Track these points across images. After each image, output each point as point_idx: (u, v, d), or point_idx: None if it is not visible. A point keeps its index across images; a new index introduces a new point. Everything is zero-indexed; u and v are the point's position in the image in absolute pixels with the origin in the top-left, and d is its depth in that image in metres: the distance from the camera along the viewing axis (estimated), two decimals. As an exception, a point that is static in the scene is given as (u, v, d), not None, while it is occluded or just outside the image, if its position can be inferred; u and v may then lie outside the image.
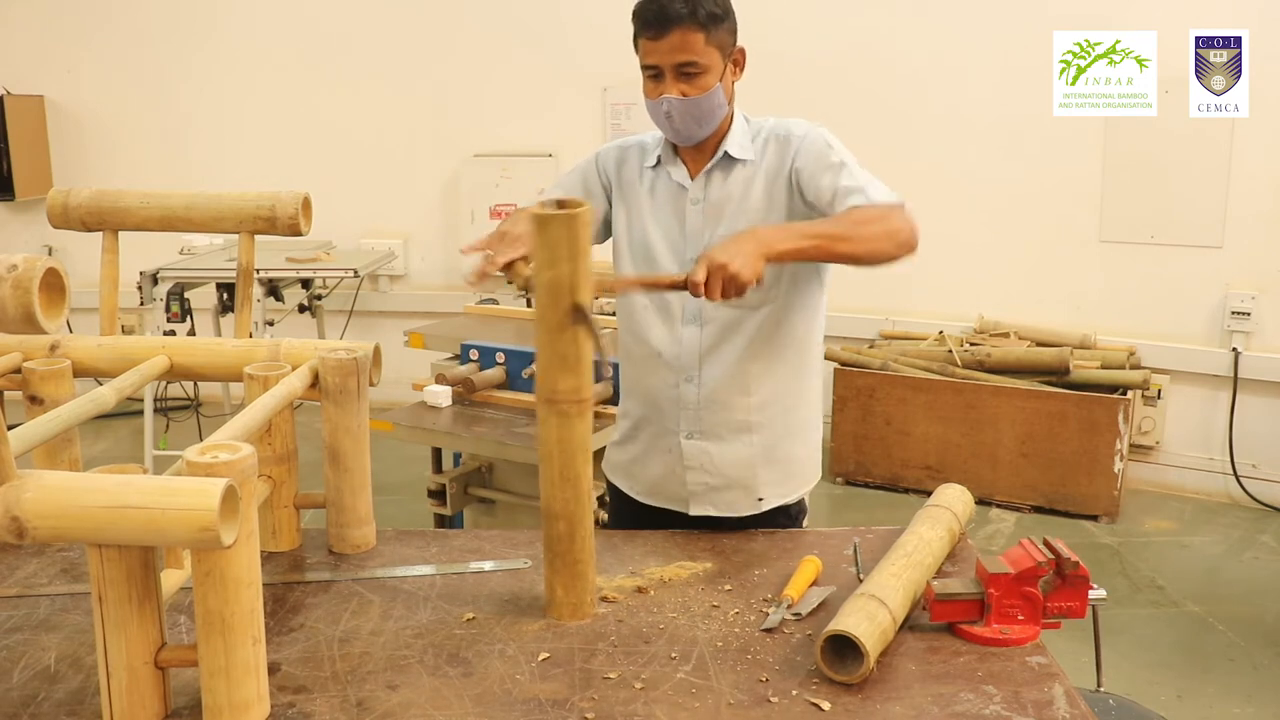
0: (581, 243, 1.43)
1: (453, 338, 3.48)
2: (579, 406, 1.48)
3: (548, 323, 1.45)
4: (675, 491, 1.96)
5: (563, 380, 1.46)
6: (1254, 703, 3.06)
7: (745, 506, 1.94)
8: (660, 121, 1.85)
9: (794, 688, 1.31)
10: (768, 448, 1.94)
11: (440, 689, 1.31)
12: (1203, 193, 4.54)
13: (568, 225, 1.41)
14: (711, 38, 1.77)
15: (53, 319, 1.03)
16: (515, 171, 5.43)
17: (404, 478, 4.21)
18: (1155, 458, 4.82)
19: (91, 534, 1.12)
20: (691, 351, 1.89)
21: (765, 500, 1.95)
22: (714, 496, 1.93)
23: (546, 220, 1.41)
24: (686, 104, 1.79)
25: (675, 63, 1.77)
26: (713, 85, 1.79)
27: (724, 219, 1.86)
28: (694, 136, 1.85)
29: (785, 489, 1.97)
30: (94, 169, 5.58)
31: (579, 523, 1.50)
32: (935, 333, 5.01)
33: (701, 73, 1.78)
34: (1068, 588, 1.43)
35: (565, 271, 1.42)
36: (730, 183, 1.87)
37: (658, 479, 1.98)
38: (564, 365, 1.46)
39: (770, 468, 1.94)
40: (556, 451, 1.48)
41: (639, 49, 1.82)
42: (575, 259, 1.42)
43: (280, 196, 1.73)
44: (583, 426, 1.49)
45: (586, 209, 1.44)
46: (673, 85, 1.79)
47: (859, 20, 5.00)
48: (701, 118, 1.82)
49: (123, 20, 5.68)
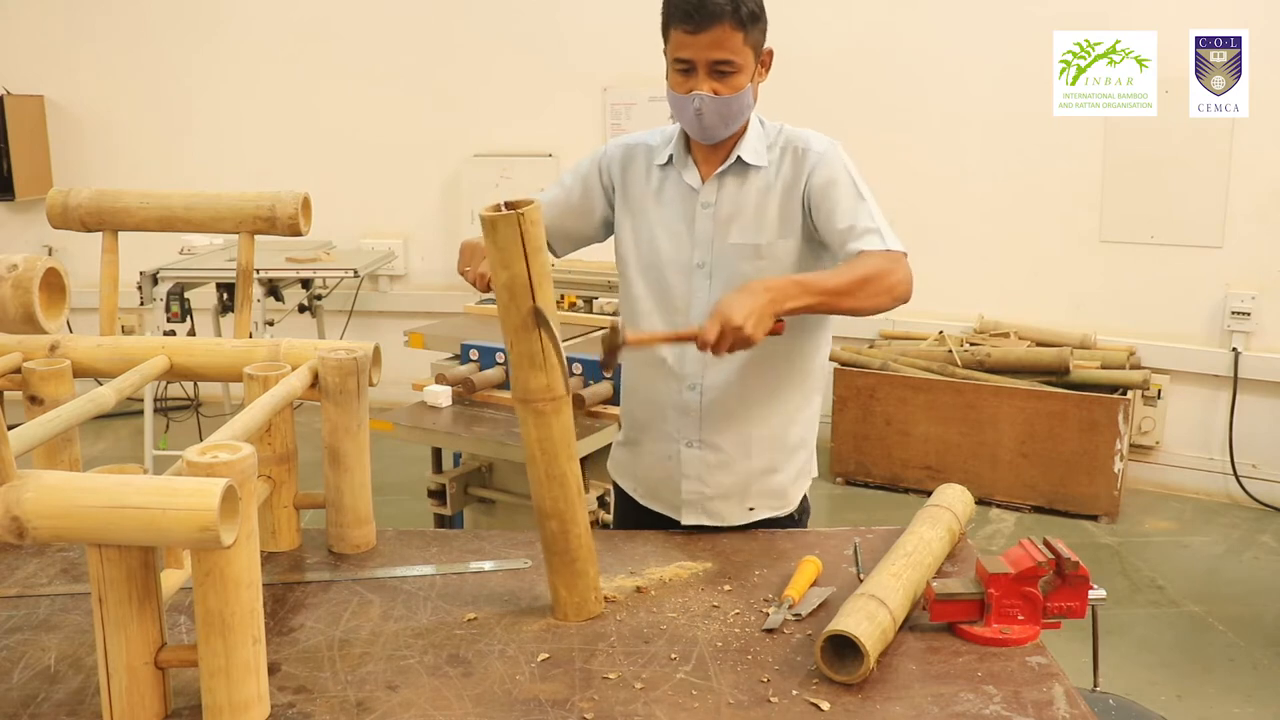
0: (534, 240, 1.41)
1: (453, 338, 3.48)
2: (554, 404, 1.47)
3: (511, 323, 1.44)
4: (670, 498, 1.96)
5: (533, 379, 1.46)
6: (1254, 703, 3.06)
7: (736, 516, 1.93)
8: (686, 117, 1.79)
9: (794, 688, 1.31)
10: (764, 461, 1.92)
11: (440, 689, 1.31)
12: (1203, 193, 4.54)
13: (516, 225, 1.39)
14: (749, 37, 1.73)
15: (53, 319, 1.03)
16: (515, 171, 5.43)
17: (404, 478, 4.21)
18: (1155, 458, 4.82)
19: (91, 534, 1.12)
20: (696, 360, 1.86)
21: (756, 510, 1.94)
22: (707, 505, 1.93)
23: (495, 222, 1.39)
24: (718, 103, 1.75)
25: (711, 59, 1.72)
26: (745, 85, 1.76)
27: (734, 229, 1.83)
28: (718, 136, 1.82)
29: (777, 502, 1.96)
30: (94, 169, 5.58)
31: (571, 520, 1.50)
32: (935, 333, 5.01)
33: (736, 72, 1.74)
34: (1068, 588, 1.43)
35: (519, 270, 1.41)
36: (745, 191, 1.84)
37: (655, 483, 1.98)
38: (532, 364, 1.45)
39: (765, 480, 1.93)
40: (539, 451, 1.48)
41: (669, 39, 1.76)
42: (529, 257, 1.41)
43: (280, 196, 1.72)
44: (560, 424, 1.48)
45: (534, 206, 1.41)
46: (705, 82, 1.74)
47: (859, 20, 5.00)
48: (730, 117, 1.79)
49: (123, 20, 5.68)
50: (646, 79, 5.07)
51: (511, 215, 1.39)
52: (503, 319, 1.45)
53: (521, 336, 1.44)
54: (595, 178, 1.96)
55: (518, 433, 2.88)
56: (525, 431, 1.49)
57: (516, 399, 1.48)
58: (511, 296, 1.42)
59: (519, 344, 1.45)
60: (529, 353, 1.45)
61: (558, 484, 1.49)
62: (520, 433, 1.50)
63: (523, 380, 1.46)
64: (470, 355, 3.24)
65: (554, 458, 1.48)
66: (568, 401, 1.50)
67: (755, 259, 1.82)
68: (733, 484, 1.91)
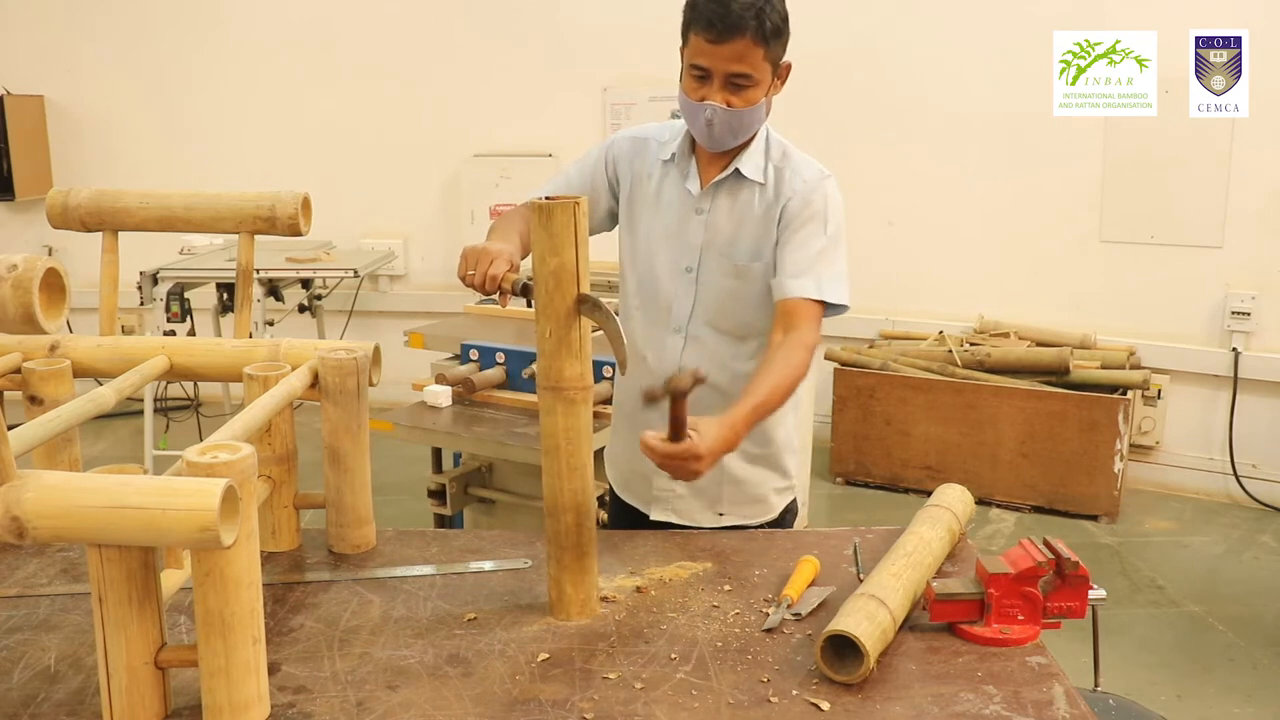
0: (582, 231, 1.44)
1: (453, 338, 3.48)
2: (584, 393, 1.48)
3: (553, 310, 1.45)
4: (641, 492, 1.98)
5: (569, 367, 1.46)
6: (1254, 703, 3.06)
7: (706, 519, 1.94)
8: (697, 124, 1.78)
9: (794, 688, 1.31)
10: (735, 469, 1.92)
11: (440, 689, 1.31)
12: (1203, 193, 4.54)
13: (572, 213, 1.42)
14: (770, 53, 1.71)
15: (53, 319, 1.03)
16: (515, 171, 5.43)
17: (404, 478, 4.21)
18: (1155, 458, 4.82)
19: (91, 534, 1.12)
20: (673, 361, 1.88)
21: (725, 516, 1.94)
22: (676, 504, 1.94)
23: (550, 209, 1.42)
24: (730, 115, 1.74)
25: (728, 71, 1.71)
26: (759, 100, 1.75)
27: (721, 240, 1.84)
28: (726, 146, 1.81)
29: (748, 511, 1.96)
30: (94, 169, 5.58)
31: (586, 514, 1.50)
32: (935, 333, 5.01)
33: (752, 86, 1.72)
34: (1068, 588, 1.43)
35: (569, 258, 1.43)
36: (736, 205, 1.85)
37: (629, 476, 2.01)
38: (569, 352, 1.46)
39: (735, 488, 1.94)
40: (563, 441, 1.48)
41: (688, 42, 1.74)
42: (577, 247, 1.43)
43: (280, 196, 1.72)
44: (587, 414, 1.50)
45: (585, 199, 1.45)
46: (719, 93, 1.72)
47: (859, 20, 5.00)
48: (741, 130, 1.78)
49: (123, 20, 5.68)
50: (646, 79, 5.10)
51: (567, 203, 1.42)
52: (543, 307, 1.45)
53: (562, 324, 1.45)
54: (602, 170, 1.96)
55: (518, 433, 2.93)
56: (550, 421, 1.48)
57: (546, 387, 1.48)
58: (558, 284, 1.44)
59: (558, 331, 1.45)
60: (567, 340, 1.45)
61: (579, 475, 1.49)
62: (542, 423, 1.50)
63: (557, 368, 1.46)
64: (470, 355, 3.24)
65: (577, 448, 1.49)
66: (593, 392, 1.51)
67: (734, 277, 1.85)
68: (702, 487, 1.91)
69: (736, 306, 1.86)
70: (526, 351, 3.12)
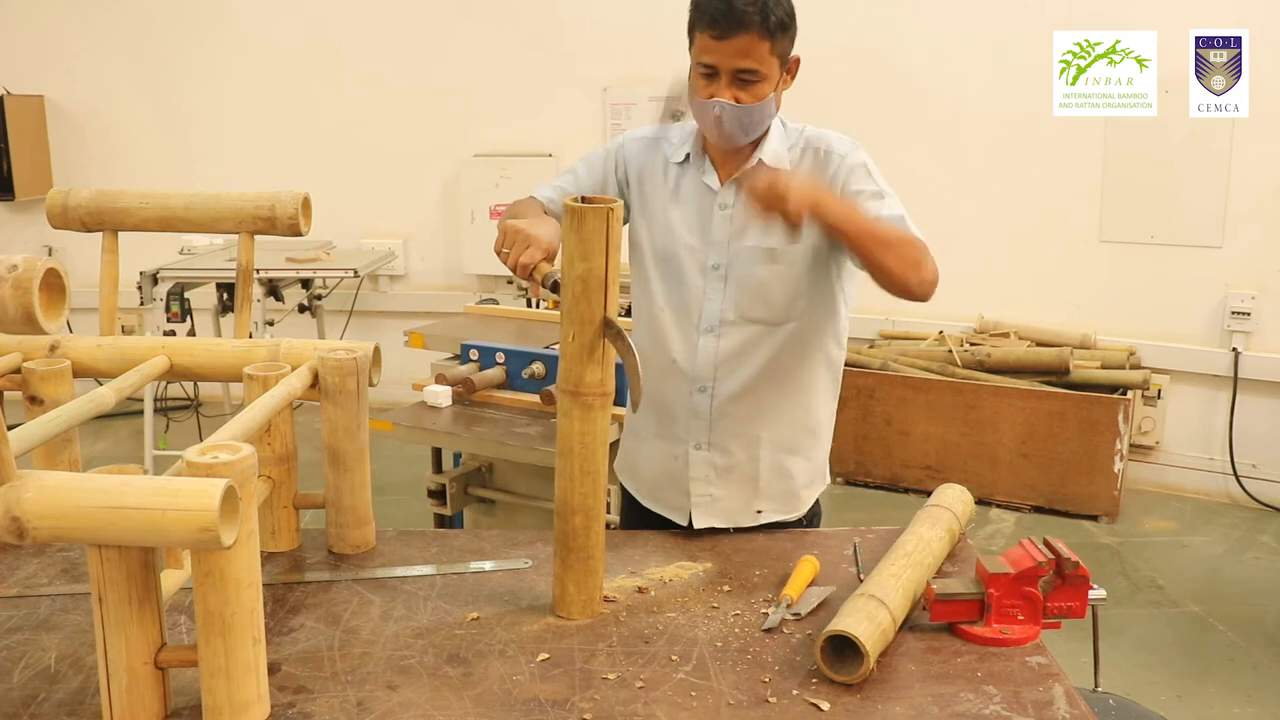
0: (615, 237, 1.42)
1: (453, 338, 3.47)
2: (602, 400, 1.48)
3: (578, 315, 1.44)
4: (677, 501, 1.93)
5: (589, 373, 1.46)
6: (1254, 703, 3.06)
7: (744, 519, 1.92)
8: (706, 122, 1.77)
9: (794, 688, 1.31)
10: (774, 466, 1.91)
11: (440, 689, 1.31)
12: (1203, 193, 4.54)
13: (605, 219, 1.40)
14: (776, 47, 1.70)
15: (53, 319, 1.03)
16: (515, 171, 5.43)
17: (404, 478, 4.21)
18: (1155, 458, 4.82)
19: (91, 534, 1.12)
20: (707, 361, 1.85)
21: (765, 513, 1.93)
22: (715, 507, 1.91)
23: (583, 213, 1.40)
24: (739, 111, 1.73)
25: (735, 67, 1.70)
26: (768, 94, 1.74)
27: (751, 232, 1.80)
28: (736, 143, 1.80)
29: (787, 505, 1.95)
30: (94, 169, 5.58)
31: (595, 517, 1.50)
32: (935, 333, 5.01)
33: (760, 81, 1.71)
34: (1068, 588, 1.43)
35: (598, 265, 1.42)
36: None
37: (661, 485, 1.96)
38: (591, 358, 1.46)
39: (774, 484, 1.92)
40: (578, 445, 1.48)
41: (694, 41, 1.74)
42: (608, 254, 1.42)
43: (280, 196, 1.72)
44: (604, 419, 1.49)
45: (619, 204, 1.43)
46: (727, 89, 1.71)
47: (859, 19, 4.99)
48: (750, 126, 1.77)
49: (122, 20, 5.68)
50: (646, 79, 5.09)
51: (601, 208, 1.41)
52: (568, 310, 1.45)
53: (586, 329, 1.44)
54: (612, 171, 1.94)
55: (518, 433, 2.93)
56: (567, 425, 1.48)
57: (565, 391, 1.48)
58: (584, 289, 1.43)
59: (581, 336, 1.45)
60: (590, 346, 1.45)
61: (591, 479, 1.49)
62: (559, 426, 1.50)
63: (578, 373, 1.46)
64: (470, 355, 3.24)
65: (592, 453, 1.49)
66: (612, 399, 1.51)
67: (770, 262, 1.81)
68: (741, 487, 1.90)
69: (770, 294, 1.83)
70: (526, 351, 3.12)
